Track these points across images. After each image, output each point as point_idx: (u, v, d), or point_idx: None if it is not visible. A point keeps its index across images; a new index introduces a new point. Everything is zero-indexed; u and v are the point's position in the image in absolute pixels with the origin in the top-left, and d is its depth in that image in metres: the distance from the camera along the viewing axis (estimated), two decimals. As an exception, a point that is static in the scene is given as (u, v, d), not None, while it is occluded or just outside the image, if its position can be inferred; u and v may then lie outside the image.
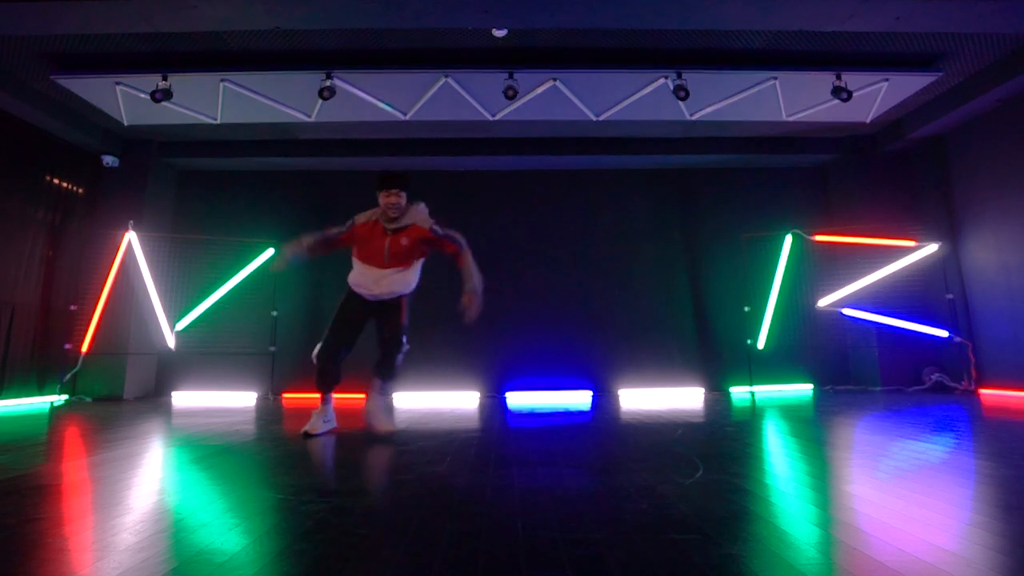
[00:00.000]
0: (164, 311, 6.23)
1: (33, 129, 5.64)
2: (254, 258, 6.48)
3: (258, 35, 4.62)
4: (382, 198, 3.22)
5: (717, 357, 6.56)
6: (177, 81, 4.98)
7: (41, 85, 5.22)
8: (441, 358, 6.51)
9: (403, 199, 3.22)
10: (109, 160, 6.35)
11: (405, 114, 5.63)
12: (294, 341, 6.52)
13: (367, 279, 3.33)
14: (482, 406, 5.30)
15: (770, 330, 6.41)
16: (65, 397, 5.71)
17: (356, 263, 3.38)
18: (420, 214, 3.30)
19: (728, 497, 1.74)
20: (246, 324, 6.32)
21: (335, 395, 3.65)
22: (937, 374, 5.87)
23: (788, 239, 6.49)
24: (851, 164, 6.59)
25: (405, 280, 3.38)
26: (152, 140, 6.47)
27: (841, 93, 4.99)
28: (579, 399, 5.84)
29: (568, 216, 6.91)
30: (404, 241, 3.23)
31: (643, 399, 5.73)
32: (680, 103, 5.27)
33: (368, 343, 7.10)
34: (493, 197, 6.94)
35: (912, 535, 1.37)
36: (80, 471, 2.31)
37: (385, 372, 3.59)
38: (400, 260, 3.26)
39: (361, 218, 3.34)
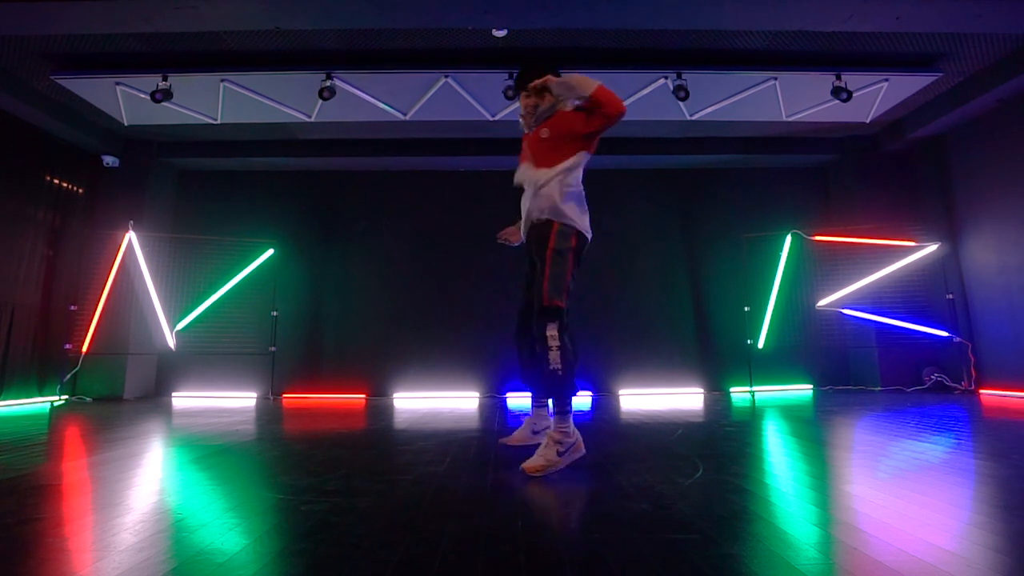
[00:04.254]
0: (164, 311, 6.23)
1: (33, 129, 5.64)
2: (254, 258, 6.49)
3: (258, 35, 4.61)
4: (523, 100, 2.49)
5: (717, 357, 6.56)
6: (177, 81, 4.98)
7: (41, 85, 5.22)
8: (441, 358, 6.51)
9: (535, 100, 2.49)
10: (109, 160, 6.36)
11: (405, 114, 5.63)
12: (294, 341, 6.53)
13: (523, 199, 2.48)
14: (482, 406, 5.30)
15: (770, 330, 6.41)
16: (65, 397, 5.71)
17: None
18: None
19: (728, 497, 1.74)
20: (246, 324, 6.33)
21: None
22: (937, 374, 5.87)
23: (788, 239, 6.49)
24: (851, 164, 6.59)
25: (548, 189, 2.40)
26: (152, 140, 6.48)
27: (841, 93, 4.99)
28: (579, 399, 5.84)
29: (568, 216, 6.90)
30: (544, 133, 2.44)
31: (643, 400, 5.73)
32: (680, 103, 5.27)
33: (366, 336, 7.08)
34: (493, 197, 6.92)
35: (912, 535, 1.37)
36: (80, 471, 2.31)
37: (539, 383, 2.44)
38: (543, 159, 2.42)
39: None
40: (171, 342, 6.23)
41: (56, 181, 5.98)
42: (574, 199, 2.43)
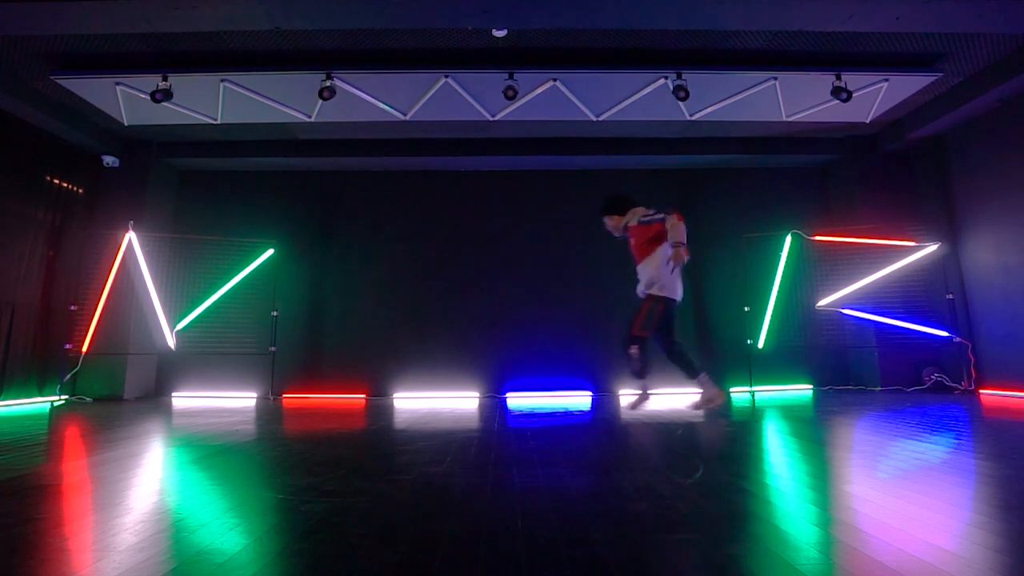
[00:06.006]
0: (164, 311, 6.23)
1: (33, 129, 5.64)
2: (254, 258, 6.49)
3: (258, 35, 4.61)
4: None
5: (717, 357, 6.56)
6: (177, 81, 4.98)
7: (41, 85, 5.22)
8: (441, 358, 6.51)
9: (612, 222, 3.97)
10: (109, 160, 6.35)
11: (405, 114, 5.63)
12: (294, 341, 6.53)
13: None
14: (482, 406, 5.30)
15: (770, 330, 6.41)
16: (65, 397, 5.71)
17: None
18: (636, 215, 3.88)
19: (728, 497, 1.74)
20: (246, 324, 6.33)
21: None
22: (937, 374, 5.87)
23: (788, 239, 6.49)
24: (851, 164, 6.59)
25: (646, 272, 3.79)
26: (152, 140, 6.47)
27: (841, 93, 4.99)
28: (579, 400, 5.84)
29: (568, 216, 6.91)
30: (632, 239, 3.93)
31: (643, 399, 5.72)
32: (680, 103, 5.27)
33: (366, 336, 7.03)
34: (493, 197, 6.94)
35: (912, 535, 1.37)
36: (80, 471, 2.31)
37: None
38: (640, 252, 3.85)
39: None
40: (171, 342, 6.23)
41: (56, 181, 5.97)
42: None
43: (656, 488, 1.86)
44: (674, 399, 5.66)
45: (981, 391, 5.60)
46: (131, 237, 6.14)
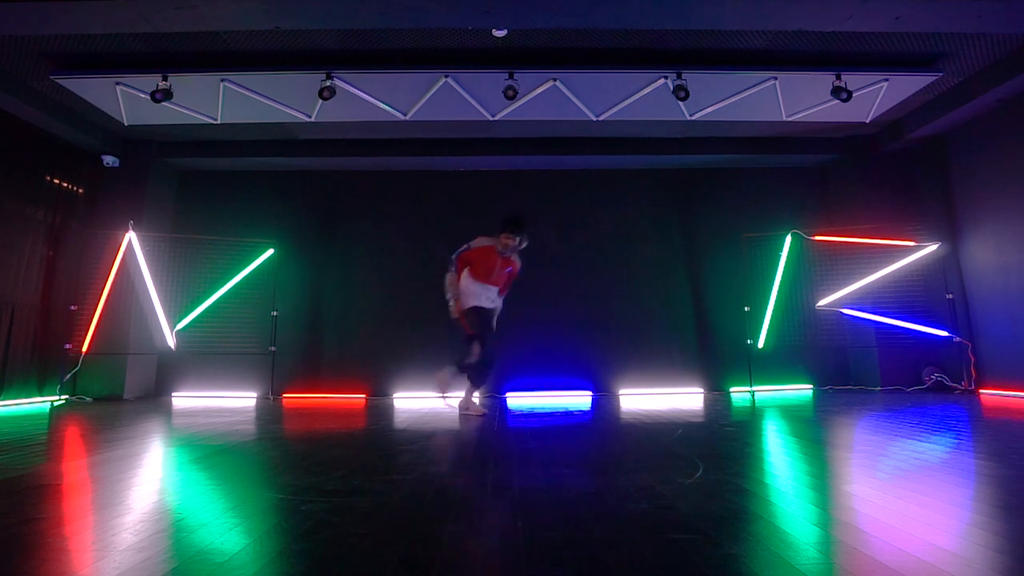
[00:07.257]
0: (164, 311, 6.23)
1: (33, 129, 5.64)
2: (254, 258, 6.48)
3: (258, 35, 4.61)
4: (505, 239, 4.24)
5: (717, 357, 6.56)
6: (177, 81, 4.98)
7: (41, 85, 5.21)
8: (441, 358, 6.49)
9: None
10: (109, 160, 6.35)
11: (405, 114, 5.63)
12: (294, 341, 6.53)
13: (487, 293, 4.37)
14: (482, 406, 5.29)
15: (770, 330, 6.41)
16: (65, 397, 5.71)
17: (473, 281, 4.32)
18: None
19: (728, 497, 1.74)
20: (246, 324, 6.32)
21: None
22: (937, 374, 5.87)
23: (788, 239, 6.49)
24: (851, 164, 6.59)
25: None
26: (152, 140, 6.47)
27: (841, 93, 4.99)
28: (579, 400, 5.84)
29: (568, 216, 6.91)
30: (508, 268, 4.40)
31: (643, 400, 5.73)
32: (680, 103, 5.27)
33: (366, 336, 7.05)
34: (493, 197, 6.94)
35: (912, 535, 1.37)
36: (80, 471, 2.31)
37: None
38: (500, 279, 4.42)
39: (479, 243, 4.31)
40: (171, 342, 6.23)
41: (56, 181, 5.97)
42: None
43: (656, 488, 1.86)
44: (673, 399, 5.67)
45: (981, 391, 5.60)
46: (131, 237, 6.14)
